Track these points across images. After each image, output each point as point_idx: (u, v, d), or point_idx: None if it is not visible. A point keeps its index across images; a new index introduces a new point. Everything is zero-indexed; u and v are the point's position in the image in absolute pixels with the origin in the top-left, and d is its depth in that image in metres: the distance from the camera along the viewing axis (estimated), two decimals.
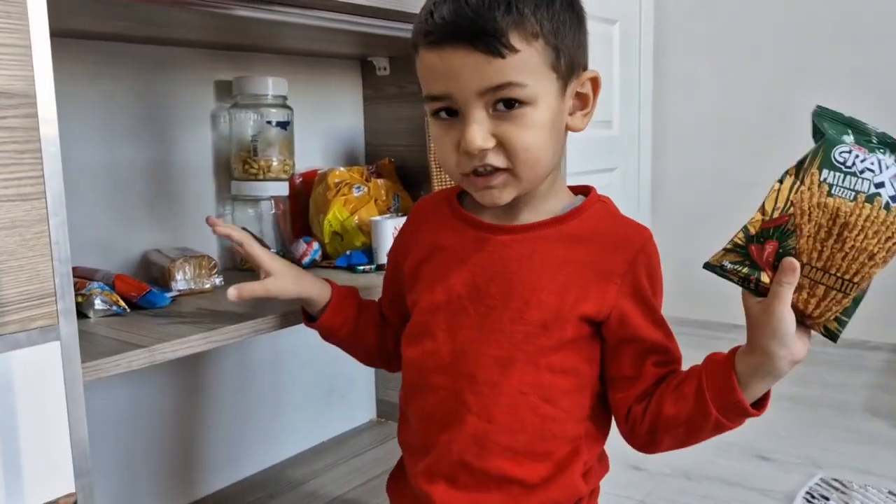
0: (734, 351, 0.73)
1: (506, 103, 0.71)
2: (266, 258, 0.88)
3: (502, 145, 0.72)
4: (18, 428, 0.61)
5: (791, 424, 1.70)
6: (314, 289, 0.90)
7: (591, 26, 0.78)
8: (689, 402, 0.73)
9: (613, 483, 0.93)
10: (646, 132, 2.55)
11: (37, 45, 0.61)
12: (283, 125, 1.23)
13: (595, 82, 0.78)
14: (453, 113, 0.73)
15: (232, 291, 0.84)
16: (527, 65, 0.70)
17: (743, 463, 1.51)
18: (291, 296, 0.88)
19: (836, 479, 1.42)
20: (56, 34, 1.02)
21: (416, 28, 0.75)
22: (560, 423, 0.78)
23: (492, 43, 0.68)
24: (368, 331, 0.93)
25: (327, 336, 0.93)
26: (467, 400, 0.77)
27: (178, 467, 1.29)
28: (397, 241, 0.92)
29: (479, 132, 0.71)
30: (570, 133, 0.79)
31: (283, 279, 0.87)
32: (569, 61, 0.74)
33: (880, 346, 2.23)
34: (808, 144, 0.66)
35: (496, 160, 0.72)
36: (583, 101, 0.78)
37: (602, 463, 0.85)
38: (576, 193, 0.84)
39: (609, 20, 2.28)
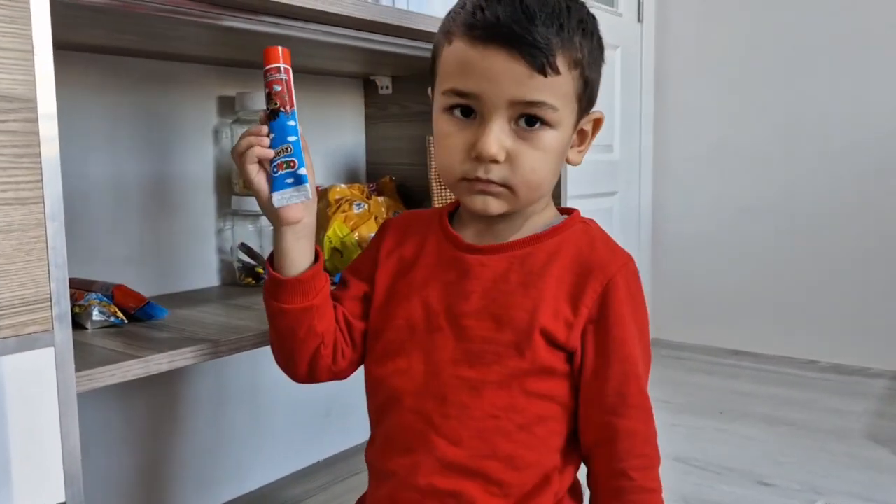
0: None
1: (529, 120, 0.70)
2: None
3: (511, 162, 0.70)
4: (9, 434, 0.60)
5: (792, 450, 1.68)
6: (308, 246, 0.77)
7: None
8: None
9: None
10: (647, 157, 2.55)
11: (39, 50, 0.61)
12: None
13: (598, 123, 0.78)
14: (469, 112, 0.71)
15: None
16: (561, 89, 0.70)
17: (743, 489, 1.49)
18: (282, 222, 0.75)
19: None
20: (63, 47, 1.03)
21: (458, 18, 0.71)
22: (534, 451, 0.73)
23: (539, 59, 0.67)
24: (328, 325, 0.78)
25: (296, 298, 0.75)
26: (436, 422, 0.73)
27: (180, 485, 1.28)
28: (373, 255, 0.83)
29: (497, 141, 0.69)
30: None
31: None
32: (590, 96, 0.75)
33: (881, 373, 2.21)
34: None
35: (500, 174, 0.70)
36: (581, 137, 0.78)
37: (574, 495, 0.80)
38: (561, 214, 0.82)
39: (611, 45, 2.29)
